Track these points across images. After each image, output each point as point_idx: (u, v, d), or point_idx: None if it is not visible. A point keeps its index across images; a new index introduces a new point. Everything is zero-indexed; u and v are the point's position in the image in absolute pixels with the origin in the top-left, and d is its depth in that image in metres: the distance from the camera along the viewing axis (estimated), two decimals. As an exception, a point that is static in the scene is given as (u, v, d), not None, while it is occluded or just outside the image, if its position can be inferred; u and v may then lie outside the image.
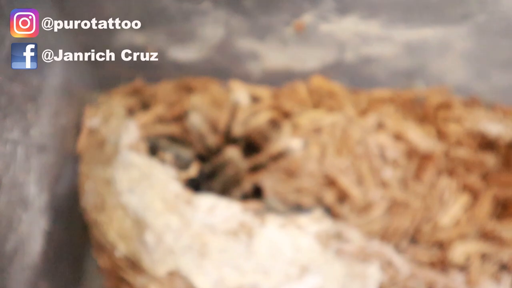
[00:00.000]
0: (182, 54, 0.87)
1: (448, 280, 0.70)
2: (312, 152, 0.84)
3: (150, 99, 0.94)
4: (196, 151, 0.84)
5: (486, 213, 0.78)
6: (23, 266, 0.63)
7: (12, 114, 0.60)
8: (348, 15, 0.75)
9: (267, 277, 0.62)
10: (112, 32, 0.82)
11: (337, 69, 0.89)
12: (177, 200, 0.66)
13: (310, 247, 0.65)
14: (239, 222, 0.64)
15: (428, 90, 0.87)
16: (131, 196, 0.68)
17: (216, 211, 0.64)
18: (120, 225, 0.69)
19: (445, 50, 0.81)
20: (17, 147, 0.61)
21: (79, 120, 0.84)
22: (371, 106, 0.89)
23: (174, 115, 0.92)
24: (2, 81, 0.58)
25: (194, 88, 0.93)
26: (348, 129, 0.86)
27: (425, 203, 0.81)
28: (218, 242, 0.63)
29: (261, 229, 0.63)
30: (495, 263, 0.73)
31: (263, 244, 0.63)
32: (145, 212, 0.66)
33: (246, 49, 0.85)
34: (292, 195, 0.84)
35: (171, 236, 0.64)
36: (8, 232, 0.59)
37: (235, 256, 0.62)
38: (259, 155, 0.79)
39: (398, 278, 0.67)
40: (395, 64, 0.85)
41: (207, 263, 0.62)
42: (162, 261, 0.64)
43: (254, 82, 0.93)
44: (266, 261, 0.62)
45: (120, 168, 0.70)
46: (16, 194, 0.61)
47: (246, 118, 0.85)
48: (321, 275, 0.63)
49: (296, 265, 0.63)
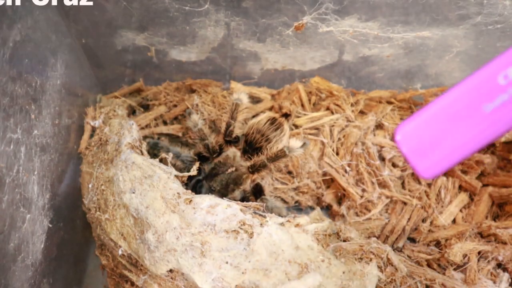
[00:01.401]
0: (183, 55, 0.88)
1: (446, 278, 0.71)
2: (312, 152, 0.85)
3: (151, 99, 0.94)
4: (197, 151, 0.84)
5: (483, 212, 0.78)
6: (26, 265, 0.63)
7: (15, 114, 0.60)
8: (347, 16, 0.76)
9: (266, 276, 0.62)
10: (114, 34, 0.83)
11: (336, 70, 0.89)
12: (177, 199, 0.66)
13: (309, 247, 0.65)
14: (239, 221, 0.64)
15: (426, 91, 0.88)
16: (133, 195, 0.68)
17: (216, 211, 0.64)
18: (121, 224, 0.70)
19: (443, 51, 0.81)
20: (20, 147, 0.61)
21: (81, 120, 0.84)
22: (370, 106, 0.90)
23: (175, 115, 0.93)
24: (5, 82, 0.58)
25: (195, 89, 0.93)
26: (347, 129, 0.86)
27: (422, 203, 0.82)
28: (218, 241, 0.63)
29: (261, 229, 0.64)
30: (492, 261, 0.73)
31: (263, 244, 0.63)
32: (147, 211, 0.66)
33: (247, 50, 0.86)
34: (292, 195, 0.85)
35: (172, 235, 0.64)
36: (11, 231, 0.59)
37: (235, 255, 0.63)
38: (259, 155, 0.80)
39: (396, 276, 0.68)
40: (393, 65, 0.86)
41: (207, 262, 0.62)
42: (163, 259, 0.64)
43: (254, 83, 0.94)
44: (266, 260, 0.63)
45: (121, 168, 0.70)
46: (19, 193, 0.61)
47: (246, 118, 0.86)
48: (320, 274, 0.63)
49: (296, 264, 0.63)
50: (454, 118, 0.46)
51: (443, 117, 0.46)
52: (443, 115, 0.46)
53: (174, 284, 0.65)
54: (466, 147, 0.46)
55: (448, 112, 0.46)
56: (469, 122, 0.45)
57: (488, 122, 0.45)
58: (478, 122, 0.45)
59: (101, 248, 0.77)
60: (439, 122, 0.46)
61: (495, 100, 0.44)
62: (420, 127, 0.47)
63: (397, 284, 0.67)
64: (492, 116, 0.44)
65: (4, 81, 0.58)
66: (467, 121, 0.45)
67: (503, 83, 0.43)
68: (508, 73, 0.43)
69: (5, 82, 0.58)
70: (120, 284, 0.75)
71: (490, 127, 0.44)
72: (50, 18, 0.72)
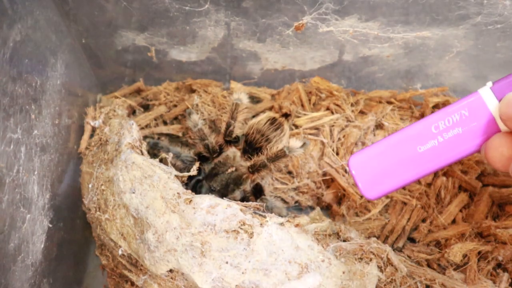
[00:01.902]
0: (183, 55, 0.88)
1: (446, 278, 0.71)
2: (312, 152, 0.85)
3: (151, 99, 0.94)
4: (197, 151, 0.84)
5: (483, 212, 0.78)
6: (26, 265, 0.63)
7: (15, 114, 0.60)
8: (347, 16, 0.76)
9: (266, 276, 0.62)
10: (114, 34, 0.83)
11: (336, 70, 0.89)
12: (178, 199, 0.66)
13: (309, 247, 0.65)
14: (239, 221, 0.64)
15: (426, 91, 0.88)
16: (133, 195, 0.68)
17: (216, 211, 0.64)
18: (121, 224, 0.70)
19: (443, 51, 0.81)
20: (20, 147, 0.61)
21: (82, 120, 0.84)
22: (370, 106, 0.90)
23: (175, 115, 0.93)
24: (6, 82, 0.58)
25: (195, 89, 0.93)
26: (347, 129, 0.86)
27: (422, 203, 0.82)
28: (218, 241, 0.63)
29: (261, 229, 0.64)
30: (492, 261, 0.73)
31: (263, 244, 0.63)
32: (147, 211, 0.66)
33: (247, 50, 0.86)
34: (292, 195, 0.85)
35: (172, 235, 0.64)
36: (11, 231, 0.59)
37: (235, 255, 0.63)
38: (259, 155, 0.80)
39: (396, 276, 0.68)
40: (393, 65, 0.86)
41: (207, 262, 0.63)
42: (163, 259, 0.64)
43: (254, 83, 0.94)
44: (266, 260, 0.63)
45: (121, 167, 0.70)
46: (19, 193, 0.61)
47: (246, 118, 0.86)
48: (320, 274, 0.63)
49: (296, 264, 0.63)
50: (396, 154, 0.59)
51: (388, 152, 0.59)
52: (388, 150, 0.59)
53: (174, 284, 0.65)
54: (403, 178, 0.59)
55: (392, 148, 0.59)
56: (407, 159, 0.59)
57: (420, 160, 0.58)
58: (413, 159, 0.58)
59: (101, 248, 0.77)
60: (385, 156, 0.59)
61: (427, 144, 0.58)
62: (369, 158, 0.60)
63: (397, 284, 0.67)
64: (424, 155, 0.58)
65: (4, 81, 0.58)
66: (405, 158, 0.59)
67: (434, 132, 0.58)
68: (439, 125, 0.58)
69: (5, 82, 0.58)
70: (120, 284, 0.75)
71: (422, 165, 0.58)
72: (50, 18, 0.72)
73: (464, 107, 0.57)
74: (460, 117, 0.57)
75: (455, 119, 0.58)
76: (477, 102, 0.57)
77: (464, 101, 0.58)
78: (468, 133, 0.57)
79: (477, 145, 0.57)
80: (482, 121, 0.56)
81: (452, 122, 0.58)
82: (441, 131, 0.58)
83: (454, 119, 0.58)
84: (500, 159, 0.54)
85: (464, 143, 0.57)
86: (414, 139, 0.59)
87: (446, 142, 0.58)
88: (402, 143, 0.59)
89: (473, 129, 0.57)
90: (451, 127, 0.58)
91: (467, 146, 0.57)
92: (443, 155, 0.58)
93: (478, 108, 0.57)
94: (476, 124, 0.57)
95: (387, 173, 0.59)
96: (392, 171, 0.59)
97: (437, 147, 0.58)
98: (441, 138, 0.58)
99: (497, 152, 0.54)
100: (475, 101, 0.57)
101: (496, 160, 0.54)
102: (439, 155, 0.58)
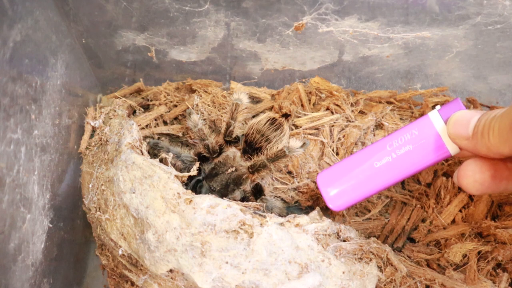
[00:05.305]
0: (183, 55, 0.88)
1: (445, 278, 0.71)
2: (312, 152, 0.85)
3: (151, 99, 0.94)
4: (197, 151, 0.84)
5: (483, 212, 0.78)
6: (26, 265, 0.63)
7: (16, 114, 0.60)
8: (347, 17, 0.76)
9: (267, 276, 0.63)
10: (114, 34, 0.83)
11: (336, 70, 0.89)
12: (178, 199, 0.66)
13: (309, 247, 0.65)
14: (239, 221, 0.64)
15: (426, 91, 0.88)
16: (133, 195, 0.68)
17: (216, 211, 0.64)
18: (121, 224, 0.70)
19: (443, 51, 0.81)
20: (20, 147, 0.61)
21: (82, 121, 0.85)
22: (370, 106, 0.90)
23: (175, 115, 0.93)
24: (6, 82, 0.58)
25: (195, 89, 0.93)
26: (347, 129, 0.86)
27: (422, 203, 0.82)
28: (218, 241, 0.63)
29: (261, 229, 0.64)
30: (492, 261, 0.73)
31: (263, 243, 0.63)
32: (147, 211, 0.66)
33: (247, 50, 0.86)
34: (292, 195, 0.85)
35: (172, 235, 0.64)
36: (11, 231, 0.59)
37: (235, 255, 0.63)
38: (259, 155, 0.80)
39: (396, 276, 0.68)
40: (393, 65, 0.86)
41: (207, 262, 0.63)
42: (163, 259, 0.64)
43: (254, 83, 0.94)
44: (266, 260, 0.63)
45: (121, 168, 0.70)
46: (19, 193, 0.61)
47: (246, 118, 0.86)
48: (320, 274, 0.63)
49: (296, 264, 0.63)
50: (357, 170, 0.68)
51: (350, 169, 0.68)
52: (350, 167, 0.68)
53: (174, 284, 0.65)
54: (364, 191, 0.68)
55: (354, 165, 0.68)
56: (366, 174, 0.67)
57: (377, 175, 0.67)
58: (371, 174, 0.67)
59: (101, 248, 0.77)
60: (348, 172, 0.68)
61: (382, 160, 0.67)
62: (334, 174, 0.69)
63: (397, 284, 0.67)
64: (380, 170, 0.67)
65: (4, 81, 0.58)
66: (364, 173, 0.68)
67: (388, 149, 0.67)
68: (392, 143, 0.67)
69: (5, 82, 0.58)
70: (120, 284, 0.75)
71: (378, 179, 0.67)
72: (50, 18, 0.72)
73: (415, 127, 0.66)
74: (411, 135, 0.66)
75: (407, 138, 0.66)
76: (426, 122, 0.66)
77: (415, 122, 0.66)
78: (418, 150, 0.65)
79: (426, 161, 0.65)
80: (430, 139, 0.65)
81: (404, 140, 0.66)
82: (395, 148, 0.67)
83: (405, 138, 0.66)
84: (473, 185, 0.60)
85: (414, 159, 0.66)
86: (371, 156, 0.68)
87: (399, 158, 0.66)
88: (362, 160, 0.68)
89: (422, 146, 0.65)
90: (403, 144, 0.66)
91: (417, 161, 0.65)
92: (396, 170, 0.66)
93: (427, 128, 0.65)
94: (424, 141, 0.65)
95: (349, 187, 0.68)
96: (354, 185, 0.68)
97: (391, 163, 0.67)
98: (395, 155, 0.67)
99: (471, 179, 0.60)
100: (424, 122, 0.66)
101: (470, 186, 0.60)
102: (393, 170, 0.66)
